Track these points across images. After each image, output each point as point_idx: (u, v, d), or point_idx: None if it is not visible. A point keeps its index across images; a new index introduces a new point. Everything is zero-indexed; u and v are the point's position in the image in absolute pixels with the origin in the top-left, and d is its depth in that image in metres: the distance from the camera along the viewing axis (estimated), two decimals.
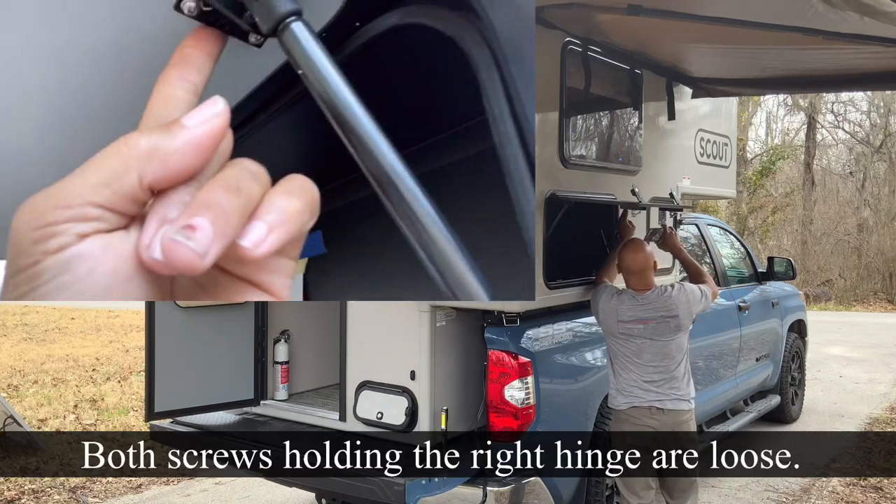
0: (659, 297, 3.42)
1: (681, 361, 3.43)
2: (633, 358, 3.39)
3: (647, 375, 3.36)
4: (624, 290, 3.51)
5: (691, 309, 3.46)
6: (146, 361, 3.77)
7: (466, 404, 3.48)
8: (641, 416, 3.35)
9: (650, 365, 3.37)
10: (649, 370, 3.37)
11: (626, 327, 3.40)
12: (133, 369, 9.10)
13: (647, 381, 3.36)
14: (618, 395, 3.44)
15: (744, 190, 18.69)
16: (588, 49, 3.57)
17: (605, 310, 3.47)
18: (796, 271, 6.48)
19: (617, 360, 3.45)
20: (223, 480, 5.15)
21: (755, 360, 5.91)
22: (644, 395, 3.35)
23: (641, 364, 3.37)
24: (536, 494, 3.37)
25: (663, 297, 3.42)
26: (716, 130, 5.15)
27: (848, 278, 19.02)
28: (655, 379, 3.36)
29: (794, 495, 4.96)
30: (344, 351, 3.64)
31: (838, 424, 6.81)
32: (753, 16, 2.97)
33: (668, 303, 3.41)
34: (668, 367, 3.38)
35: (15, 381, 8.41)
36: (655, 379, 3.36)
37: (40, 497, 4.85)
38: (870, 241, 19.57)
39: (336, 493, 3.56)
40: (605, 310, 3.47)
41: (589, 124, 3.74)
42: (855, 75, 4.05)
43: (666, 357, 3.38)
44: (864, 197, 21.08)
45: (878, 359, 10.20)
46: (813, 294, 17.41)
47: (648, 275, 3.48)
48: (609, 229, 3.97)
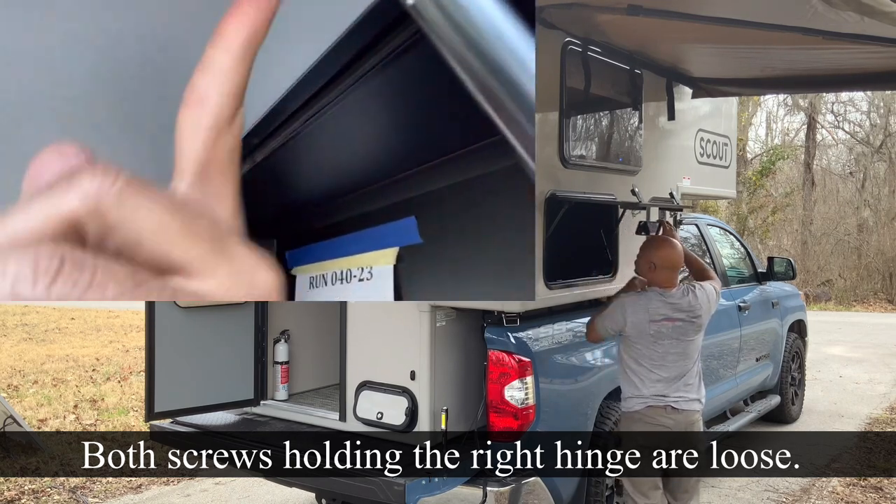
0: (683, 297, 3.37)
1: (696, 362, 3.42)
2: (658, 360, 3.32)
3: (667, 376, 3.32)
4: (648, 290, 3.43)
5: (711, 310, 3.46)
6: (146, 361, 3.78)
7: (466, 404, 3.48)
8: (657, 416, 3.32)
9: (673, 365, 3.33)
10: (671, 370, 3.33)
11: (656, 327, 3.31)
12: (133, 369, 9.09)
13: (667, 381, 3.31)
14: (633, 398, 3.36)
15: (744, 190, 18.69)
16: (588, 49, 3.57)
17: (633, 310, 3.33)
18: (796, 271, 6.47)
19: (641, 362, 3.34)
20: (223, 480, 5.15)
21: (755, 360, 5.91)
22: (662, 396, 3.31)
23: (665, 365, 3.32)
24: (536, 494, 3.37)
25: (687, 297, 3.38)
26: (716, 130, 5.15)
27: (848, 278, 19.02)
28: (674, 379, 3.32)
29: (794, 495, 4.96)
30: (344, 351, 3.64)
31: (838, 424, 6.81)
32: (753, 16, 2.97)
33: (694, 304, 3.37)
34: (687, 367, 3.36)
35: (15, 381, 8.41)
36: (674, 379, 3.32)
37: (40, 497, 4.85)
38: (870, 241, 19.57)
39: (336, 493, 3.55)
40: (635, 309, 3.33)
41: (589, 124, 3.74)
42: (855, 75, 4.04)
43: (686, 357, 3.36)
44: (864, 197, 21.08)
45: (878, 359, 10.20)
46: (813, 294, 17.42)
47: (675, 274, 3.43)
48: (609, 229, 3.96)
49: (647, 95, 4.05)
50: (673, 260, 3.41)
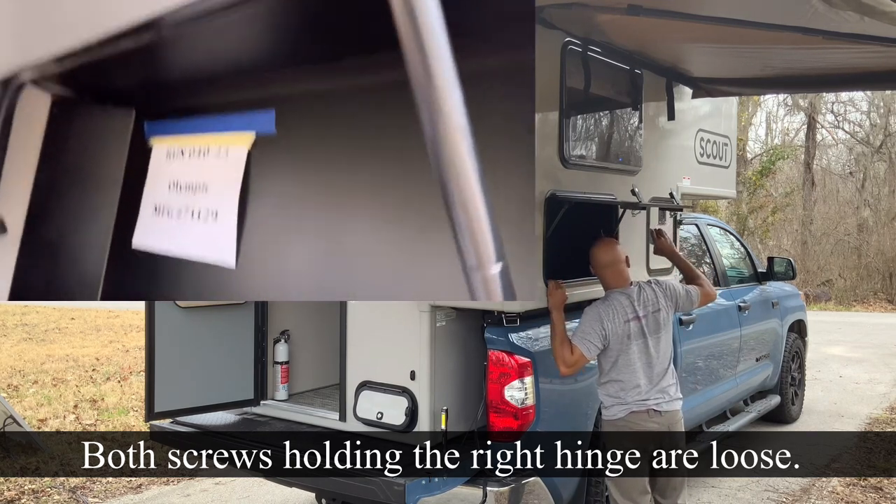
0: (641, 292, 3.41)
1: (670, 360, 3.43)
2: (634, 363, 3.32)
3: (644, 378, 3.32)
4: (609, 293, 3.42)
5: (670, 302, 3.46)
6: (146, 361, 3.78)
7: (466, 404, 3.48)
8: (640, 421, 3.30)
9: (648, 366, 3.34)
10: (648, 372, 3.34)
11: (629, 327, 3.33)
12: (133, 369, 9.10)
13: (646, 384, 3.31)
14: (614, 405, 3.34)
15: (744, 190, 18.69)
16: (588, 49, 3.57)
17: (608, 316, 3.32)
18: (796, 271, 6.48)
19: (619, 368, 3.33)
20: (223, 480, 5.15)
21: (755, 361, 5.91)
22: (643, 400, 3.30)
23: (640, 367, 3.33)
24: (536, 494, 3.37)
25: (644, 292, 3.41)
26: (716, 130, 5.15)
27: (848, 278, 19.03)
28: (653, 382, 3.33)
29: (794, 495, 4.96)
30: (344, 351, 3.64)
31: (838, 424, 6.81)
32: (753, 16, 2.97)
33: (651, 297, 3.41)
34: (663, 367, 3.37)
35: (15, 381, 8.41)
36: (653, 382, 3.33)
37: (40, 497, 4.85)
38: (870, 241, 19.58)
39: (336, 493, 3.56)
40: (609, 315, 3.32)
41: (589, 124, 3.74)
42: (855, 75, 4.05)
43: (659, 356, 3.36)
44: (864, 197, 21.09)
45: (878, 359, 10.20)
46: (813, 294, 17.43)
47: (622, 268, 3.44)
48: (609, 229, 3.96)
49: (647, 95, 4.05)
50: (601, 258, 3.43)
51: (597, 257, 3.47)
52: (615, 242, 3.55)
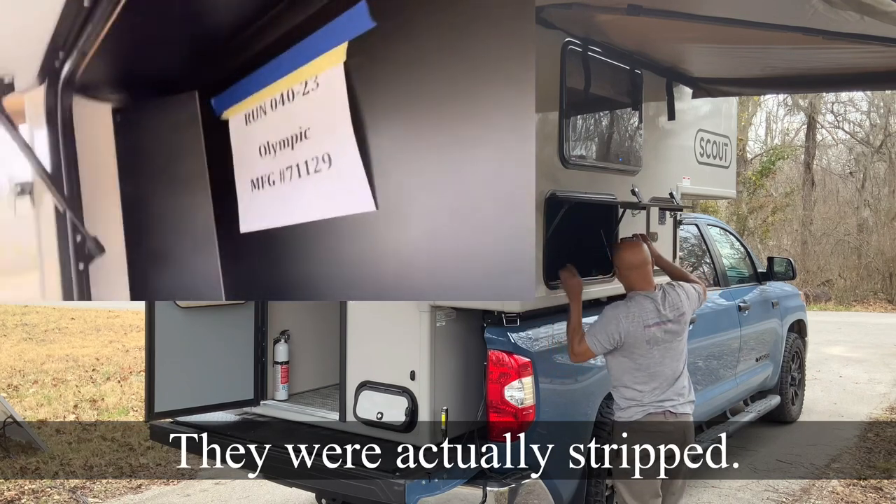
0: (667, 296, 3.38)
1: (685, 363, 3.42)
2: (654, 366, 3.28)
3: (663, 381, 3.29)
4: (633, 295, 3.38)
5: (693, 308, 3.46)
6: (146, 361, 3.77)
7: (466, 404, 3.48)
8: (657, 423, 3.28)
9: (667, 369, 3.31)
10: (666, 375, 3.30)
11: (651, 332, 3.28)
12: (133, 369, 9.10)
13: (662, 386, 3.29)
14: (631, 407, 3.32)
15: (744, 190, 18.69)
16: (588, 49, 3.57)
17: (628, 319, 3.27)
18: (796, 271, 6.48)
19: (638, 370, 3.29)
20: (223, 480, 5.15)
21: (755, 361, 5.91)
22: (660, 402, 3.29)
23: (661, 370, 3.29)
24: (536, 494, 3.37)
25: (669, 297, 3.38)
26: (716, 130, 5.15)
27: (848, 278, 19.02)
28: (669, 384, 3.31)
29: (794, 495, 4.96)
30: (344, 351, 3.64)
31: (838, 424, 6.81)
32: (753, 16, 2.97)
33: (677, 302, 3.38)
34: (678, 369, 3.35)
35: (15, 381, 8.41)
36: (669, 384, 3.31)
37: (40, 497, 4.85)
38: (870, 241, 19.58)
39: (336, 493, 3.56)
40: (629, 318, 3.27)
41: (589, 124, 3.74)
42: (855, 75, 4.05)
43: (677, 359, 3.35)
44: (864, 197, 21.08)
45: (878, 359, 10.20)
46: (813, 294, 17.42)
47: (649, 270, 3.41)
48: (609, 229, 3.96)
49: (647, 95, 4.05)
50: (630, 259, 3.40)
51: (624, 258, 3.42)
52: (642, 244, 3.49)
